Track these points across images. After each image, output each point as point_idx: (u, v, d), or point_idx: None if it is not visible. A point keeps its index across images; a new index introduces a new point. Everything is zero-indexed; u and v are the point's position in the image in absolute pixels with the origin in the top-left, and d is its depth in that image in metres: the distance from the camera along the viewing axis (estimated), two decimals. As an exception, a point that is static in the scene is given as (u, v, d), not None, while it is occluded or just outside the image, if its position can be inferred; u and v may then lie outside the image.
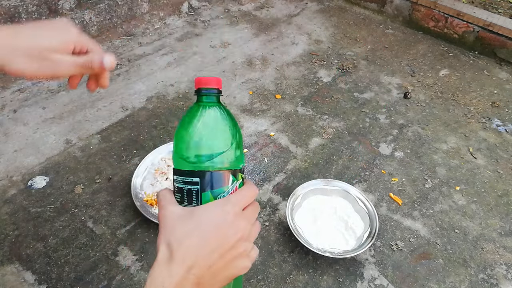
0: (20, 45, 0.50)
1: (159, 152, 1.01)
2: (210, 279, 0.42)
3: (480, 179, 1.06)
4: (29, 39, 0.51)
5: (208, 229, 0.42)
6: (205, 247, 0.42)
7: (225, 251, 0.42)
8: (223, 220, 0.42)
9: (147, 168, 0.98)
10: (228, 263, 0.43)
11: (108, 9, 1.40)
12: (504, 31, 1.44)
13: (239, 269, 0.44)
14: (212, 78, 0.47)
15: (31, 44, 0.51)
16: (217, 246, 0.42)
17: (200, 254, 0.42)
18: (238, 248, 0.43)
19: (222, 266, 0.43)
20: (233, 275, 0.44)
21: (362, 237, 0.85)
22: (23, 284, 0.78)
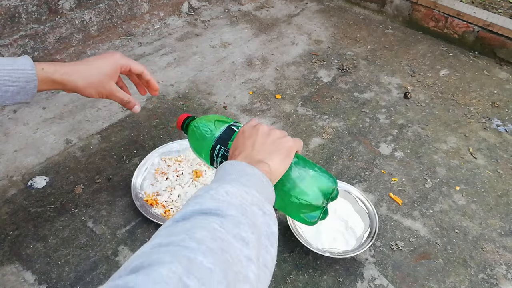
0: (83, 72, 0.71)
1: (159, 152, 1.01)
2: (265, 153, 0.55)
3: (480, 179, 1.06)
4: (89, 67, 0.72)
5: (238, 142, 0.58)
6: (242, 146, 0.57)
7: (259, 138, 0.56)
8: (242, 134, 0.59)
9: (147, 168, 0.98)
10: (269, 142, 0.56)
11: (108, 9, 1.40)
12: (504, 31, 1.44)
13: (281, 142, 0.57)
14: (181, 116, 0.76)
15: (90, 71, 0.72)
16: (251, 141, 0.56)
17: (242, 149, 0.56)
18: (269, 133, 0.58)
19: (266, 144, 0.56)
20: (280, 145, 0.56)
21: (362, 237, 0.85)
22: (23, 284, 0.78)
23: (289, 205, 0.61)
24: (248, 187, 0.45)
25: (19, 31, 1.19)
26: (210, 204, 0.41)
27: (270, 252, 0.42)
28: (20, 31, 1.20)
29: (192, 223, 0.38)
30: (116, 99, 0.78)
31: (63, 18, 1.28)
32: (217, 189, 0.43)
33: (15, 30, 1.19)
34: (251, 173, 0.49)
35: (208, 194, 0.42)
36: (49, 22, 1.25)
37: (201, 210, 0.40)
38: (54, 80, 0.68)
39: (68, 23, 1.30)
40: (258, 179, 0.49)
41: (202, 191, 0.44)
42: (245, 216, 0.40)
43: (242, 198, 0.43)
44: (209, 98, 1.26)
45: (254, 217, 0.42)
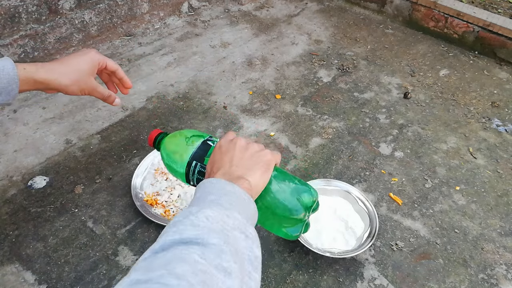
0: (64, 70, 0.71)
1: (159, 152, 1.01)
2: (244, 169, 0.53)
3: (480, 179, 1.06)
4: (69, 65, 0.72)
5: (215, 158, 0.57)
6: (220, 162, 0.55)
7: (237, 153, 0.55)
8: (219, 149, 0.58)
9: (147, 168, 0.98)
10: (247, 157, 0.55)
11: (108, 9, 1.40)
12: (504, 31, 1.44)
13: (259, 156, 0.56)
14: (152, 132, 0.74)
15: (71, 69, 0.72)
16: (229, 156, 0.55)
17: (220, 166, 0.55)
18: (247, 148, 0.57)
19: (244, 159, 0.55)
20: (259, 159, 0.55)
21: (362, 237, 0.85)
22: (23, 284, 0.78)
23: (270, 220, 0.59)
24: (229, 210, 0.44)
25: (19, 31, 1.19)
26: (190, 232, 0.39)
27: (254, 278, 0.40)
28: (20, 31, 1.20)
29: (172, 254, 0.36)
30: (98, 95, 0.78)
31: (63, 18, 1.28)
32: (197, 214, 0.42)
33: (15, 30, 1.19)
34: (232, 191, 0.48)
35: (188, 220, 0.41)
36: (49, 22, 1.25)
37: (181, 239, 0.38)
38: (36, 80, 0.68)
39: (68, 23, 1.30)
40: (239, 197, 0.48)
41: (181, 216, 0.42)
42: (227, 244, 0.39)
43: (223, 222, 0.42)
44: (209, 98, 1.26)
45: (236, 243, 0.41)
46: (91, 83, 0.75)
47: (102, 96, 0.79)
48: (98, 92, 0.78)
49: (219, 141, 0.60)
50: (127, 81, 0.85)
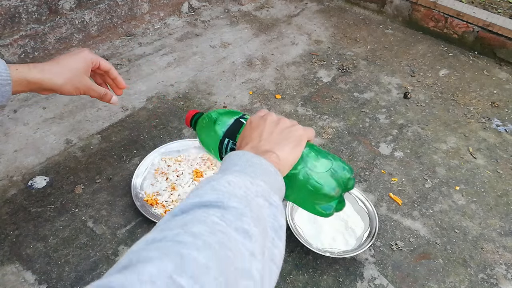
0: (57, 69, 0.70)
1: (159, 152, 1.01)
2: (273, 144, 0.53)
3: (480, 179, 1.06)
4: (63, 64, 0.72)
5: (245, 133, 0.57)
6: (249, 137, 0.55)
7: (267, 128, 0.55)
8: (249, 125, 0.57)
9: (147, 168, 0.98)
10: (277, 132, 0.54)
11: (108, 9, 1.40)
12: (504, 31, 1.44)
13: (290, 131, 0.55)
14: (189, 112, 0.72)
15: (64, 68, 0.71)
16: (259, 131, 0.55)
17: (249, 141, 0.54)
18: (278, 123, 0.56)
19: (274, 134, 0.54)
20: (290, 134, 0.55)
21: (362, 237, 0.86)
22: (23, 284, 0.78)
23: (302, 196, 0.58)
24: (253, 178, 0.43)
25: (19, 31, 1.20)
26: (211, 195, 0.38)
27: (278, 246, 0.39)
28: (20, 31, 1.20)
29: (190, 216, 0.35)
30: (93, 93, 0.78)
31: (63, 18, 1.28)
32: (218, 179, 0.41)
33: (15, 30, 1.19)
34: (258, 163, 0.47)
35: (209, 185, 0.40)
36: (49, 22, 1.26)
37: (201, 202, 0.37)
38: (29, 81, 0.67)
39: (68, 23, 1.30)
40: (265, 169, 0.47)
41: (204, 182, 0.41)
42: (249, 208, 0.38)
43: (246, 188, 0.41)
44: (209, 98, 1.26)
45: (259, 209, 0.39)
46: (86, 82, 0.75)
47: (98, 95, 0.79)
48: (93, 90, 0.77)
49: (250, 117, 0.59)
50: (120, 81, 0.84)
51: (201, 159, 1.02)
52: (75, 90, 0.73)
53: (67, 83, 0.71)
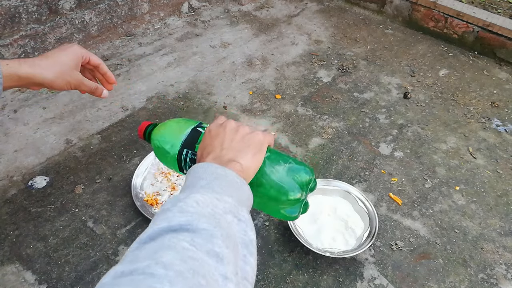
0: (47, 64, 0.70)
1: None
2: (235, 152, 0.52)
3: (480, 179, 1.06)
4: (53, 59, 0.71)
5: (205, 143, 0.55)
6: (210, 146, 0.54)
7: (227, 137, 0.54)
8: (208, 133, 0.56)
9: (147, 168, 0.98)
10: (238, 139, 0.54)
11: (109, 9, 1.40)
12: (504, 31, 1.44)
13: (251, 138, 0.54)
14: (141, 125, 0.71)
15: (54, 62, 0.71)
16: (219, 140, 0.54)
17: (211, 150, 0.53)
18: (237, 130, 0.55)
19: (234, 141, 0.53)
20: (251, 141, 0.54)
21: (362, 237, 0.86)
22: (24, 284, 0.78)
23: (267, 202, 0.58)
24: (220, 194, 0.42)
25: (19, 31, 1.20)
26: (179, 218, 0.37)
27: (250, 262, 0.38)
28: (21, 31, 1.20)
29: (159, 243, 0.34)
30: (85, 87, 0.76)
31: (63, 18, 1.28)
32: (185, 200, 0.40)
33: (16, 30, 1.19)
34: (223, 175, 0.46)
35: (177, 207, 0.39)
36: (49, 22, 1.26)
37: (169, 227, 0.36)
38: (20, 76, 0.66)
39: (68, 23, 1.30)
40: (231, 180, 0.46)
41: (170, 204, 0.40)
42: (219, 227, 0.37)
43: (213, 206, 0.40)
44: (209, 98, 1.26)
45: (229, 227, 0.39)
46: (77, 76, 0.74)
47: (89, 89, 0.77)
48: (85, 85, 0.76)
49: (209, 126, 0.58)
50: (110, 76, 0.83)
51: None
52: (66, 84, 0.72)
53: (58, 77, 0.71)
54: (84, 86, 0.76)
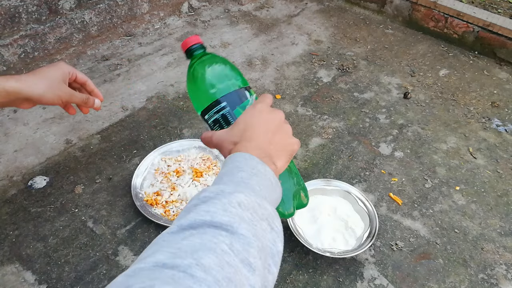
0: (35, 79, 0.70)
1: (159, 152, 1.01)
2: (275, 151, 0.51)
3: (480, 179, 1.06)
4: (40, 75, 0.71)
5: (253, 122, 0.52)
6: (257, 131, 0.51)
7: (275, 129, 0.52)
8: (259, 113, 0.53)
9: (147, 168, 0.98)
10: (281, 138, 0.53)
11: (108, 9, 1.40)
12: (504, 31, 1.44)
13: (291, 143, 0.54)
14: (191, 37, 0.65)
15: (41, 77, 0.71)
16: (267, 129, 0.52)
17: (256, 137, 0.51)
18: (283, 127, 0.54)
19: (278, 139, 0.52)
20: (290, 146, 0.54)
21: (362, 237, 0.85)
22: (23, 284, 0.78)
23: None
24: (260, 197, 0.43)
25: (19, 31, 1.20)
26: (222, 217, 0.38)
27: (273, 272, 0.40)
28: (20, 31, 1.20)
29: (200, 238, 0.36)
30: (76, 99, 0.77)
31: (63, 18, 1.28)
32: (230, 198, 0.41)
33: (15, 30, 1.19)
34: (263, 173, 0.46)
35: (221, 202, 0.40)
36: (49, 22, 1.26)
37: (211, 222, 0.38)
38: (8, 91, 0.66)
39: (68, 23, 1.30)
40: (269, 180, 0.47)
41: (214, 193, 0.41)
42: (256, 238, 0.39)
43: (253, 211, 0.41)
44: (209, 98, 1.26)
45: (263, 236, 0.40)
46: (66, 89, 0.74)
47: (82, 100, 0.77)
48: (75, 96, 0.76)
49: (260, 104, 0.54)
50: (98, 94, 0.83)
51: (201, 159, 1.02)
52: (56, 98, 0.72)
53: (47, 91, 0.70)
54: (75, 98, 0.76)
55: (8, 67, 1.22)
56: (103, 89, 1.26)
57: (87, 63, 1.36)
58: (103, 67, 1.36)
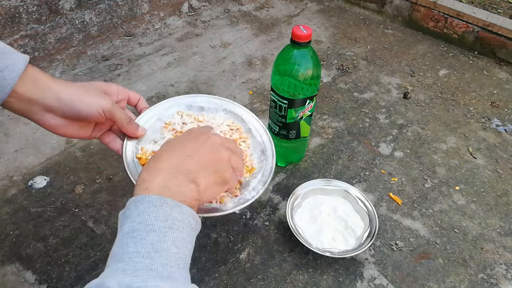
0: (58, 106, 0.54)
1: (177, 102, 0.76)
2: (197, 166, 0.46)
3: (480, 179, 1.06)
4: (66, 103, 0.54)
5: (170, 141, 0.51)
6: (173, 148, 0.48)
7: (196, 142, 0.49)
8: (181, 136, 0.52)
9: (154, 116, 0.73)
10: (205, 153, 0.48)
11: (109, 9, 1.40)
12: (504, 31, 1.44)
13: (219, 159, 0.50)
14: (304, 34, 0.79)
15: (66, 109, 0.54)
16: (185, 142, 0.49)
17: (170, 154, 0.47)
18: (210, 139, 0.51)
19: (202, 153, 0.48)
20: (217, 162, 0.49)
21: (361, 236, 0.86)
22: (24, 284, 0.78)
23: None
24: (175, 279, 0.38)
25: (19, 31, 1.20)
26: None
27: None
28: (21, 31, 1.20)
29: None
30: (119, 115, 0.61)
31: (63, 18, 1.28)
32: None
33: (16, 30, 1.19)
34: (180, 220, 0.41)
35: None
36: (50, 22, 1.26)
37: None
38: (38, 83, 0.53)
39: (68, 23, 1.31)
40: (188, 225, 0.42)
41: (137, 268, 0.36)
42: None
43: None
44: (209, 98, 1.26)
45: None
46: (108, 98, 0.60)
47: (124, 120, 0.63)
48: (119, 111, 0.61)
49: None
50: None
51: (229, 127, 0.77)
52: (96, 105, 0.57)
53: (84, 95, 0.57)
54: (118, 113, 0.60)
55: (8, 67, 1.22)
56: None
57: (87, 63, 1.37)
58: (103, 67, 1.36)
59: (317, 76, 0.86)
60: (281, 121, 0.92)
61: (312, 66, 0.84)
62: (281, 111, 0.89)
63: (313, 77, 0.85)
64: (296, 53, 0.82)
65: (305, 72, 0.83)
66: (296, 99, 0.86)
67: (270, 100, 0.91)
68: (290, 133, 0.94)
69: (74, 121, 0.57)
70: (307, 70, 0.83)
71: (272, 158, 0.71)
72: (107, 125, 0.65)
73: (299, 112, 0.89)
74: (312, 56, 0.84)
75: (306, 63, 0.83)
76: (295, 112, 0.88)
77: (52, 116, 0.54)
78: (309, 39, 0.80)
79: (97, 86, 0.59)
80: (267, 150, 0.73)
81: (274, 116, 0.93)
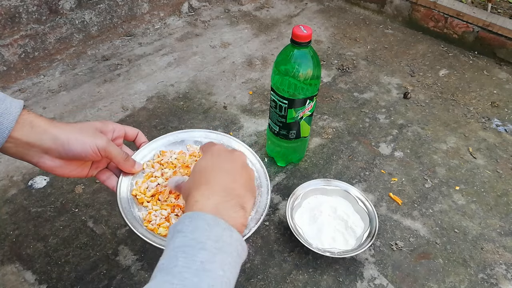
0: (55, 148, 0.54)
1: (174, 137, 0.80)
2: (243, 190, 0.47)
3: (480, 179, 1.06)
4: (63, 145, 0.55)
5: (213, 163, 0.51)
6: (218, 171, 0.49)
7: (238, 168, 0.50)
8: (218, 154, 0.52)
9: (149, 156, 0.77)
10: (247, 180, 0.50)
11: (109, 9, 1.40)
12: (504, 31, 1.44)
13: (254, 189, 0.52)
14: (304, 34, 0.80)
15: (62, 150, 0.55)
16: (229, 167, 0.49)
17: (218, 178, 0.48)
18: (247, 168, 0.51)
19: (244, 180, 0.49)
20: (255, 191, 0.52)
21: (362, 236, 0.86)
22: (24, 284, 0.78)
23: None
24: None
25: (19, 31, 1.20)
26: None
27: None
28: (21, 31, 1.20)
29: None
30: (115, 152, 0.62)
31: (63, 18, 1.28)
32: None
33: (16, 30, 1.19)
34: (228, 243, 0.41)
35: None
36: (50, 22, 1.26)
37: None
38: (33, 126, 0.53)
39: (68, 23, 1.31)
40: (235, 251, 0.42)
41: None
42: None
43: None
44: (209, 98, 1.26)
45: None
46: (103, 136, 0.61)
47: (121, 157, 0.64)
48: (115, 149, 0.62)
49: (217, 146, 0.55)
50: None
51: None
52: (90, 144, 0.57)
53: (78, 136, 0.57)
54: (113, 150, 0.61)
55: (8, 67, 1.22)
56: (103, 89, 1.26)
57: (87, 63, 1.37)
58: (103, 67, 1.36)
59: (317, 76, 0.86)
60: (281, 121, 0.92)
61: (312, 66, 0.84)
62: (281, 111, 0.90)
63: (313, 77, 0.85)
64: (296, 53, 0.83)
65: (305, 72, 0.83)
66: (296, 99, 0.86)
67: (270, 100, 0.92)
68: (290, 133, 0.94)
69: (70, 161, 0.57)
70: (307, 70, 0.83)
71: (267, 195, 0.65)
72: (104, 163, 0.66)
73: (299, 112, 0.89)
74: (312, 56, 0.84)
75: (306, 63, 0.83)
76: (295, 112, 0.89)
77: (49, 157, 0.55)
78: (309, 39, 0.81)
79: (92, 125, 0.60)
80: (262, 186, 0.67)
81: (274, 116, 0.93)
